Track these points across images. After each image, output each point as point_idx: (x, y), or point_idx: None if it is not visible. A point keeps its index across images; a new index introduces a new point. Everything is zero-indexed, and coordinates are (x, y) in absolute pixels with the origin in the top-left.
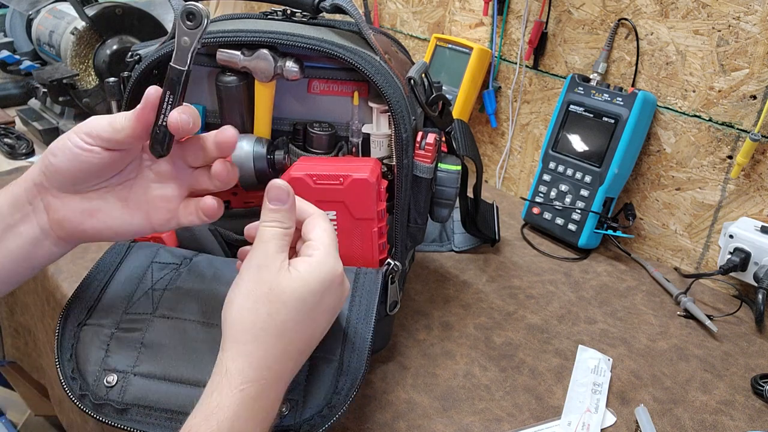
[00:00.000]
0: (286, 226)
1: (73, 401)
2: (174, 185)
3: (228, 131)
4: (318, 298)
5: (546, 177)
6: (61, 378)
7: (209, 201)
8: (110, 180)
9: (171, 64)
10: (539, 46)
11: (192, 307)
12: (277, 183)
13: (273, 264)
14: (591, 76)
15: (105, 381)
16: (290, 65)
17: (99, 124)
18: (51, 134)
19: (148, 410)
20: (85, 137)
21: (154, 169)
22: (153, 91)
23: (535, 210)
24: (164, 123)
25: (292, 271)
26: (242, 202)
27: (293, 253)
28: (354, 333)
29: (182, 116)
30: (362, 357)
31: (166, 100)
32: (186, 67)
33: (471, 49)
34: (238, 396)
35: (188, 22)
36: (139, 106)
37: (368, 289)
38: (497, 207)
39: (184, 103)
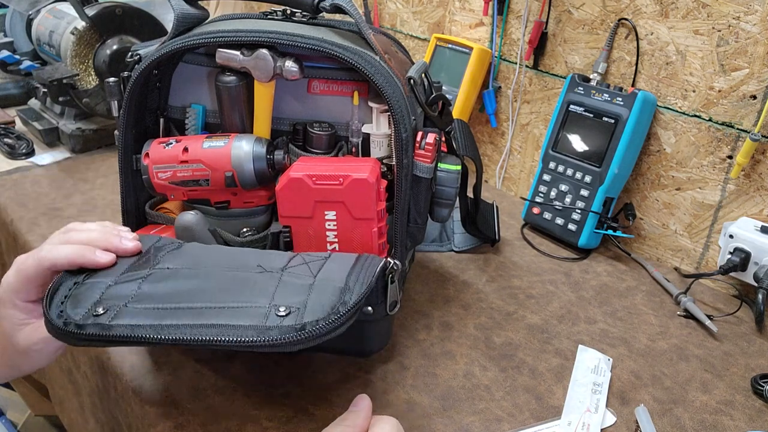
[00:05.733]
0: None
1: (57, 328)
2: None
3: None
4: None
5: (546, 177)
6: (47, 316)
7: None
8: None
9: None
10: (539, 46)
11: (191, 261)
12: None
13: None
14: (591, 76)
15: (93, 313)
16: (290, 65)
17: None
18: (51, 134)
19: (135, 328)
20: None
21: None
22: None
23: (535, 210)
24: None
25: None
26: (242, 202)
27: None
28: (359, 270)
29: None
30: (367, 282)
31: None
32: None
33: (471, 49)
34: None
35: None
36: None
37: (373, 258)
38: (497, 207)
39: None
